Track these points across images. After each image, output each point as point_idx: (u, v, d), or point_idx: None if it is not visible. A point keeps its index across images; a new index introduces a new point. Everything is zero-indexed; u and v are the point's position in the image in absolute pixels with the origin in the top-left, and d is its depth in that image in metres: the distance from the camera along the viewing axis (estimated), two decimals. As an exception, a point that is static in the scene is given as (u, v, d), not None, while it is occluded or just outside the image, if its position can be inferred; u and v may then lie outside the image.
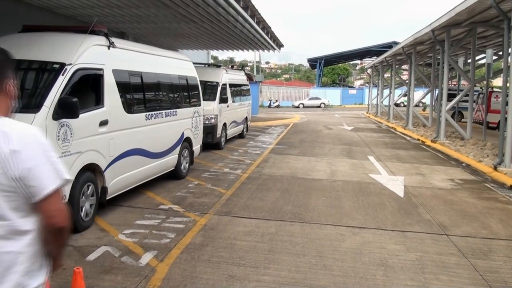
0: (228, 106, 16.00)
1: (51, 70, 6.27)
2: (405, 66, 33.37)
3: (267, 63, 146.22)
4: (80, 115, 6.06)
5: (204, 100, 12.21)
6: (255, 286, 4.81)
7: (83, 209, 6.44)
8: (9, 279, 1.91)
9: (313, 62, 78.02)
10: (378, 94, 38.59)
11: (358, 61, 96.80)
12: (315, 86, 76.56)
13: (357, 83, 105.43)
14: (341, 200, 8.62)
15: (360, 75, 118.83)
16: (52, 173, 1.96)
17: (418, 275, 5.24)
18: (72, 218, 6.07)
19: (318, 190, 9.39)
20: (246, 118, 19.64)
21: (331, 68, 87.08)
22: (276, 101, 57.35)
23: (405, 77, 36.12)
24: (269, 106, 53.90)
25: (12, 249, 1.91)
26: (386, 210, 8.05)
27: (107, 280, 4.88)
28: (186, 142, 10.27)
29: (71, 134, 6.07)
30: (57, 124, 5.83)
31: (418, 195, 9.21)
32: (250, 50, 23.14)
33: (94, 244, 5.95)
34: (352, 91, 71.06)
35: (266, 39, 18.44)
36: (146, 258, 5.51)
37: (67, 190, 6.01)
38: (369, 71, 48.10)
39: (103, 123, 6.88)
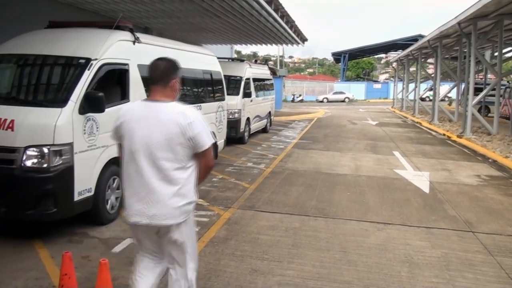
0: (251, 101, 16.01)
1: (77, 65, 6.32)
2: (431, 60, 32.86)
3: (290, 57, 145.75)
4: (106, 110, 6.13)
5: (227, 94, 12.24)
6: (278, 281, 4.83)
7: (109, 202, 6.54)
8: (182, 193, 3.32)
9: (337, 56, 77.45)
10: (403, 88, 38.11)
11: (383, 55, 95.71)
12: (339, 80, 75.96)
13: (382, 77, 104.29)
14: (365, 196, 8.57)
15: (385, 69, 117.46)
16: (209, 136, 3.39)
17: (443, 272, 5.19)
18: (98, 210, 6.21)
19: (342, 185, 9.34)
20: (270, 112, 19.61)
21: (355, 62, 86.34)
22: (300, 95, 57.12)
23: (430, 70, 35.54)
24: (293, 101, 53.71)
25: (182, 176, 3.34)
26: (411, 206, 7.98)
27: (133, 272, 4.95)
28: (210, 136, 10.30)
29: (97, 128, 6.15)
30: (83, 118, 5.90)
31: (443, 191, 9.09)
32: (273, 44, 23.06)
33: (119, 236, 6.04)
34: (377, 85, 70.31)
35: (290, 33, 18.36)
36: (171, 251, 5.57)
37: (93, 183, 6.12)
38: (394, 65, 47.44)
39: None
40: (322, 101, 55.37)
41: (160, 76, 3.43)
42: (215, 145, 10.68)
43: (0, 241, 5.75)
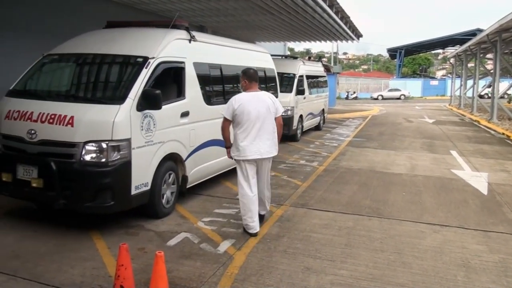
0: (304, 98, 15.89)
1: (135, 63, 6.46)
2: (489, 55, 31.56)
3: (344, 54, 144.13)
4: (163, 107, 6.26)
5: (281, 92, 12.21)
6: (331, 280, 4.79)
7: (165, 196, 6.68)
8: (274, 138, 6.14)
9: (392, 52, 75.80)
10: (461, 85, 36.83)
11: (440, 50, 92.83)
12: (394, 77, 74.27)
13: (439, 74, 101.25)
14: (421, 196, 8.36)
15: (442, 65, 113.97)
16: (282, 108, 6.32)
17: (500, 278, 4.98)
18: (154, 204, 6.33)
19: (398, 185, 9.16)
20: (323, 110, 19.40)
21: (411, 58, 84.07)
22: (354, 92, 56.35)
23: (489, 66, 34.16)
24: (347, 98, 53.05)
25: (274, 130, 6.12)
26: (469, 208, 7.72)
27: (187, 265, 5.06)
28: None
29: (154, 124, 6.28)
30: (141, 115, 6.03)
31: (502, 193, 8.74)
32: (327, 41, 22.81)
33: (174, 230, 6.17)
34: (434, 82, 68.22)
35: (345, 29, 18.11)
36: (224, 246, 5.65)
37: (149, 178, 6.27)
38: (451, 60, 45.87)
39: (184, 114, 7.07)
40: (376, 99, 54.39)
41: (257, 78, 6.26)
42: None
43: (59, 231, 5.99)
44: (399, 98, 54.95)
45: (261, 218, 6.44)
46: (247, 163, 5.98)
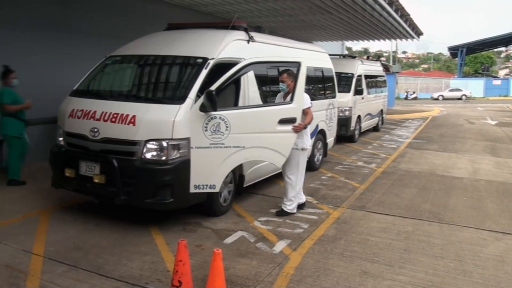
0: (363, 98, 15.65)
1: (195, 64, 6.54)
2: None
3: (404, 52, 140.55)
4: (224, 112, 6.23)
5: (338, 91, 12.08)
6: (389, 285, 4.69)
7: (222, 195, 6.73)
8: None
9: (454, 51, 73.29)
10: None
11: (503, 48, 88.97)
12: (455, 76, 71.84)
13: (502, 73, 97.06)
14: (483, 201, 8.05)
15: (505, 64, 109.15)
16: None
17: None
18: (212, 202, 6.38)
19: (459, 189, 8.86)
20: (382, 110, 19.05)
21: (473, 57, 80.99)
22: (414, 92, 54.98)
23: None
24: (406, 98, 51.83)
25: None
26: (534, 215, 7.37)
27: (243, 264, 5.10)
28: (320, 134, 10.23)
29: (227, 127, 6.09)
30: (205, 116, 5.93)
31: None
32: (386, 40, 22.39)
33: (231, 228, 6.24)
34: (497, 82, 65.45)
35: (405, 27, 17.69)
36: (280, 246, 5.65)
37: (218, 180, 6.18)
38: (517, 59, 43.87)
39: None
40: (437, 99, 52.83)
41: None
42: (324, 143, 10.66)
43: (120, 226, 6.18)
44: (460, 99, 53.15)
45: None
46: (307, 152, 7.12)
